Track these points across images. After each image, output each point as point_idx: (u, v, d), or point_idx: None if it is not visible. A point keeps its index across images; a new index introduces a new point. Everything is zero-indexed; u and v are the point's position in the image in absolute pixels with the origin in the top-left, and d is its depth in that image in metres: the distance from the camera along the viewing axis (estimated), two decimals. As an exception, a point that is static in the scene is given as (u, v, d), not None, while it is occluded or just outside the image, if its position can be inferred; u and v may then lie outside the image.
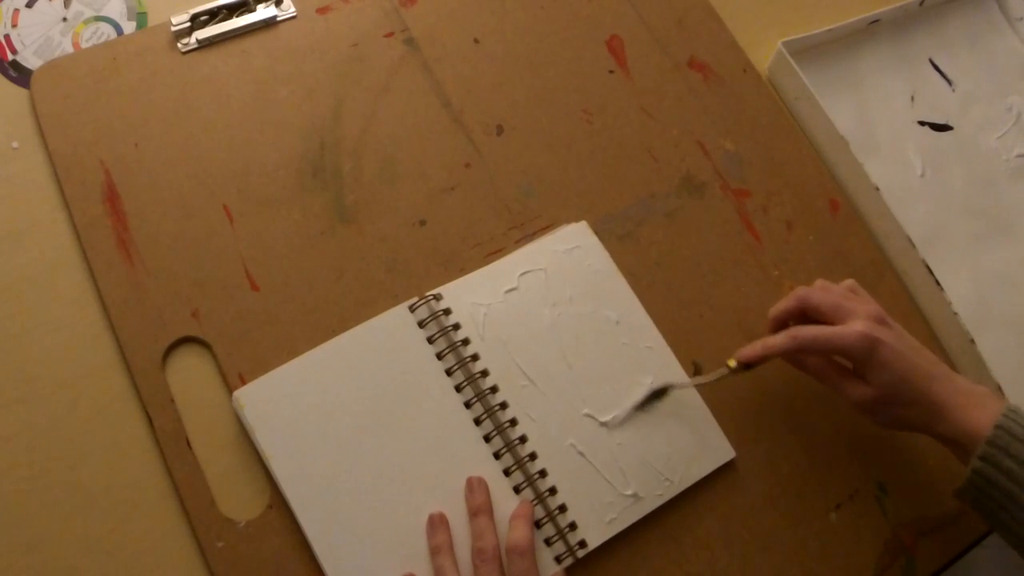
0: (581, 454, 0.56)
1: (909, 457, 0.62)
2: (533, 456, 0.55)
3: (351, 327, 0.57)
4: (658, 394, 0.58)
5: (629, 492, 0.56)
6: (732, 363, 0.57)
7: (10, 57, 0.63)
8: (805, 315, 0.57)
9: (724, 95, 0.71)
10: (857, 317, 0.54)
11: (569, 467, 0.56)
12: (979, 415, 0.52)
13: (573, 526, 0.54)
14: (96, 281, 0.56)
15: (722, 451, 0.58)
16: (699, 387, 0.59)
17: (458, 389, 0.56)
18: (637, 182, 0.67)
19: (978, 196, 0.76)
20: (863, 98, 0.77)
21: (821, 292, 0.57)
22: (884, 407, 0.54)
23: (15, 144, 0.60)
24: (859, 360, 0.54)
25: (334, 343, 0.56)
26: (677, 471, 0.57)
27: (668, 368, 0.60)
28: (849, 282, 0.59)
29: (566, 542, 0.54)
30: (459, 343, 0.57)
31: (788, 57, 0.71)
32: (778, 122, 0.72)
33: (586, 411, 0.57)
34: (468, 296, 0.59)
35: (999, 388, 0.60)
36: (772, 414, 0.61)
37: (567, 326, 0.59)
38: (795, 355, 0.57)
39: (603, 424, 0.57)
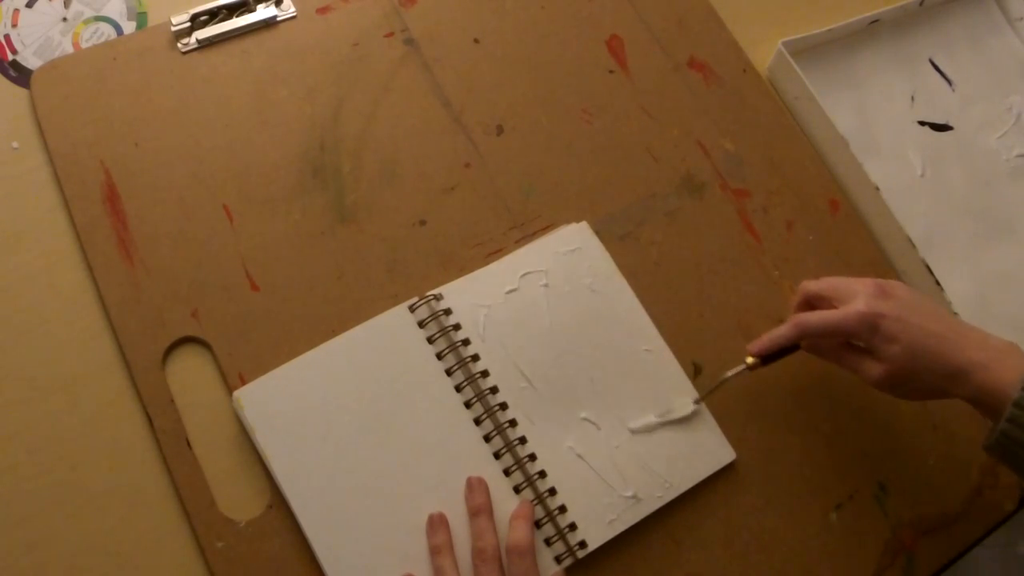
0: (580, 456, 0.56)
1: (909, 457, 0.62)
2: (533, 457, 0.55)
3: (351, 327, 0.57)
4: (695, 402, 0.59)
5: (628, 494, 0.56)
6: (749, 360, 0.58)
7: (10, 57, 0.63)
8: (811, 306, 0.58)
9: (724, 95, 0.71)
10: (857, 296, 0.54)
11: (568, 469, 0.56)
12: (1002, 373, 0.51)
13: (573, 526, 0.54)
14: (96, 281, 0.56)
15: (722, 453, 0.58)
16: (722, 385, 0.59)
17: (458, 389, 0.56)
18: (637, 182, 0.67)
19: (978, 196, 0.76)
20: (863, 98, 0.77)
21: (819, 281, 0.58)
22: (901, 381, 0.53)
23: (15, 144, 0.60)
24: (865, 339, 0.54)
25: (334, 343, 0.56)
26: (676, 473, 0.57)
27: (668, 369, 0.60)
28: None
29: (566, 542, 0.54)
30: (459, 343, 0.57)
31: (788, 57, 0.71)
32: (778, 122, 0.72)
33: (584, 415, 0.57)
34: (469, 296, 0.59)
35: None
36: (772, 415, 0.61)
37: (567, 327, 0.59)
38: (802, 341, 0.58)
39: (633, 431, 0.57)
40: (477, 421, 0.56)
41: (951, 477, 0.62)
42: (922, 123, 0.78)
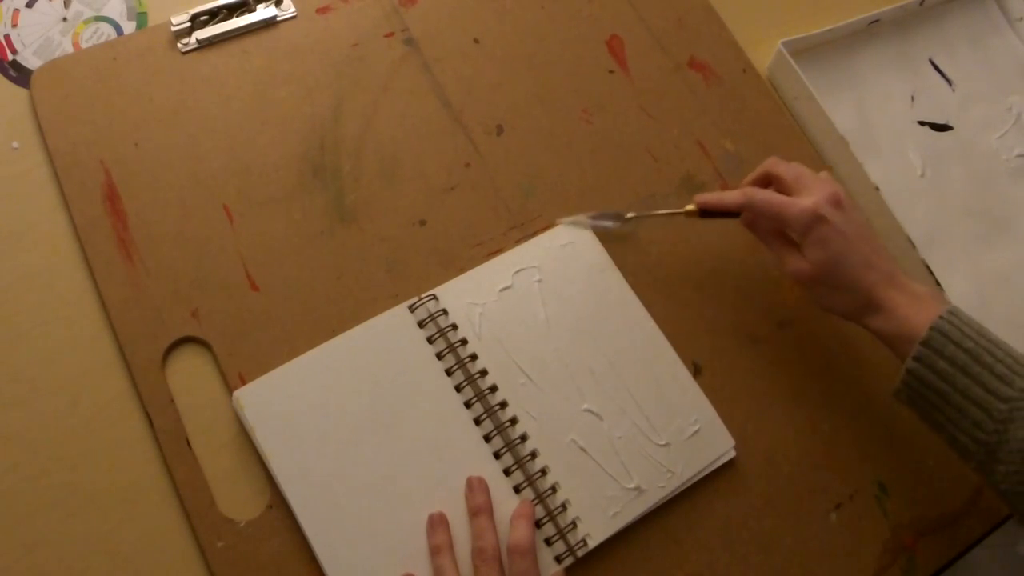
0: (582, 449, 0.56)
1: (909, 457, 0.62)
2: (534, 455, 0.55)
3: (351, 327, 0.57)
4: (616, 217, 0.61)
5: (632, 485, 0.56)
6: (690, 207, 0.60)
7: (10, 57, 0.63)
8: (769, 184, 0.59)
9: (724, 95, 0.71)
10: (811, 193, 0.55)
11: (570, 463, 0.56)
12: (917, 314, 0.52)
13: (574, 524, 0.54)
14: (96, 281, 0.56)
15: (722, 440, 0.58)
16: (652, 216, 0.62)
17: (458, 389, 0.56)
18: (637, 182, 0.67)
19: (978, 196, 0.76)
20: (863, 98, 0.77)
21: (789, 164, 0.58)
22: (818, 286, 0.55)
23: (15, 144, 0.60)
24: (799, 233, 0.55)
25: (334, 343, 0.56)
26: (679, 462, 0.57)
27: (665, 359, 0.60)
28: (823, 172, 0.59)
29: (566, 541, 0.54)
30: (457, 343, 0.57)
31: (788, 57, 0.71)
32: (778, 122, 0.72)
33: (586, 406, 0.57)
34: (463, 296, 0.59)
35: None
36: (772, 415, 0.61)
37: (563, 322, 0.59)
38: (744, 212, 0.59)
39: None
40: (477, 421, 0.56)
41: (951, 477, 0.62)
42: (922, 123, 0.78)
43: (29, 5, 0.65)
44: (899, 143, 0.76)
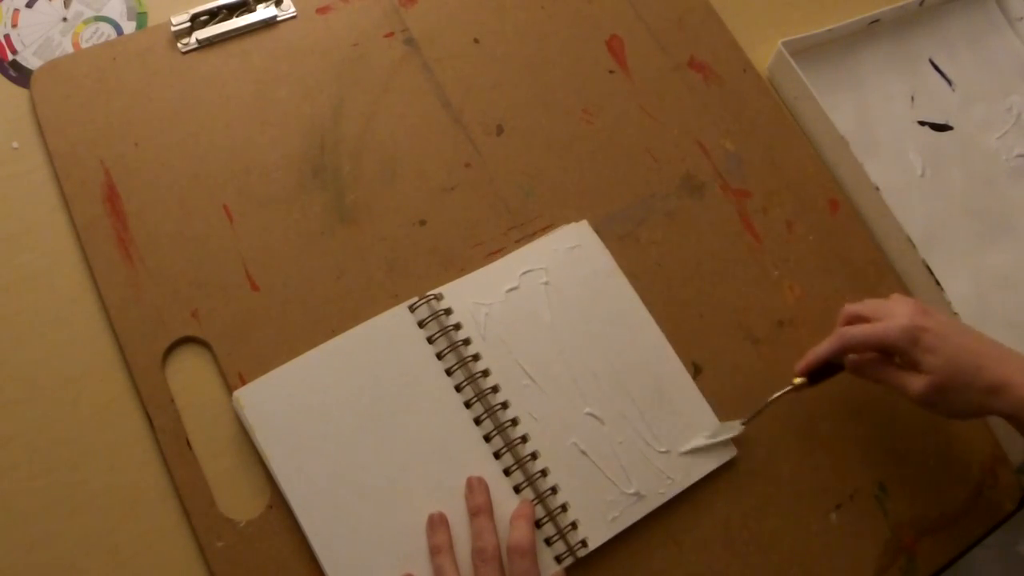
0: (583, 453, 0.56)
1: (909, 457, 0.62)
2: (534, 455, 0.55)
3: (351, 327, 0.57)
4: (736, 428, 0.59)
5: (631, 491, 0.56)
6: (796, 380, 0.58)
7: (10, 57, 0.63)
8: (852, 324, 0.59)
9: (724, 95, 0.71)
10: (898, 313, 0.56)
11: (571, 466, 0.56)
12: None
13: (574, 525, 0.54)
14: (96, 281, 0.56)
15: (724, 449, 0.58)
16: (767, 406, 0.59)
17: (458, 389, 0.56)
18: (637, 182, 0.67)
19: (978, 196, 0.76)
20: (863, 98, 0.77)
21: (860, 302, 0.59)
22: (942, 394, 0.54)
23: (15, 144, 0.60)
24: (906, 351, 0.55)
25: (334, 343, 0.56)
26: (679, 469, 0.57)
27: (669, 365, 0.60)
28: (893, 295, 0.59)
29: (566, 542, 0.54)
30: (460, 343, 0.57)
31: (788, 57, 0.71)
32: (778, 122, 0.72)
33: (588, 410, 0.57)
34: (469, 296, 0.59)
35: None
36: (773, 414, 0.61)
37: (568, 325, 0.59)
38: (848, 361, 0.58)
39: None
40: (477, 421, 0.56)
41: (951, 477, 0.62)
42: (922, 123, 0.78)
43: (29, 5, 0.65)
44: (899, 143, 0.76)
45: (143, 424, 0.54)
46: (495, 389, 0.56)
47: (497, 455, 0.55)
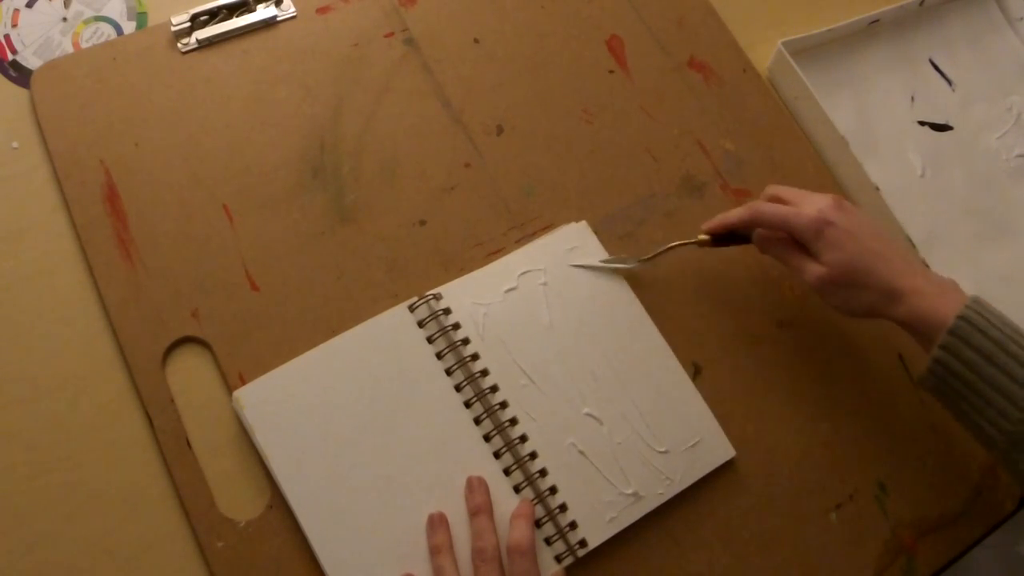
0: (582, 453, 0.56)
1: (909, 457, 0.62)
2: (533, 455, 0.55)
3: (351, 327, 0.57)
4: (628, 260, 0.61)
5: (630, 491, 0.56)
6: (701, 236, 0.61)
7: (10, 57, 0.63)
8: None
9: (724, 95, 0.71)
10: (815, 203, 0.57)
11: (569, 466, 0.56)
12: (941, 304, 0.52)
13: (573, 525, 0.54)
14: (96, 281, 0.56)
15: (722, 450, 0.58)
16: (665, 251, 0.61)
17: (458, 388, 0.56)
18: (637, 182, 0.67)
19: (978, 196, 0.76)
20: (863, 98, 0.77)
21: (786, 187, 0.60)
22: (837, 288, 0.55)
23: (15, 144, 0.60)
24: (810, 240, 0.56)
25: (334, 343, 0.56)
26: (678, 470, 0.57)
27: (667, 366, 0.60)
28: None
29: (566, 541, 0.54)
30: (459, 343, 0.57)
31: (788, 57, 0.71)
32: (778, 122, 0.72)
33: (587, 410, 0.57)
34: (468, 296, 0.59)
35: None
36: (772, 415, 0.61)
37: (567, 325, 0.59)
38: (755, 235, 0.59)
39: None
40: (477, 420, 0.56)
41: (951, 477, 0.62)
42: (922, 123, 0.78)
43: (29, 5, 0.65)
44: (899, 143, 0.76)
45: (143, 424, 0.54)
46: (494, 389, 0.56)
47: (497, 455, 0.55)
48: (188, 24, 0.64)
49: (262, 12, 0.66)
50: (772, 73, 0.74)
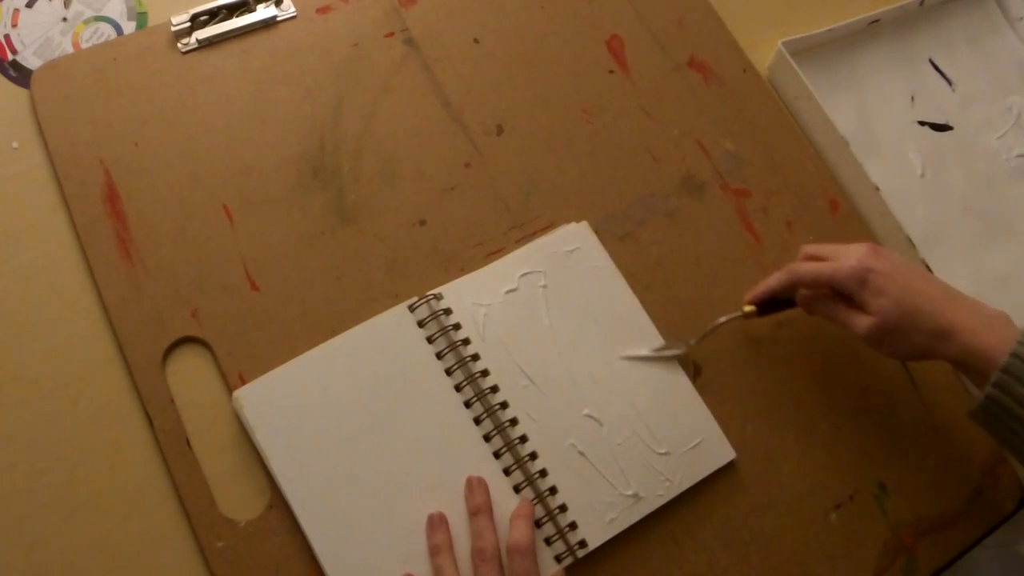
0: (582, 454, 0.56)
1: (909, 457, 0.62)
2: (533, 456, 0.55)
3: (351, 327, 0.57)
4: (681, 345, 0.60)
5: (629, 492, 0.56)
6: (746, 308, 0.60)
7: (10, 57, 0.63)
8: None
9: (724, 95, 0.71)
10: (851, 255, 0.56)
11: (569, 467, 0.56)
12: (992, 339, 0.52)
13: (573, 525, 0.54)
14: (96, 281, 0.56)
15: (722, 452, 0.58)
16: (713, 329, 0.60)
17: (458, 389, 0.56)
18: (637, 182, 0.67)
19: (978, 196, 0.76)
20: (863, 98, 0.77)
21: (819, 245, 0.60)
22: (888, 334, 0.54)
23: (15, 144, 0.60)
24: (854, 292, 0.55)
25: (334, 343, 0.56)
26: (677, 471, 0.57)
27: (669, 370, 0.60)
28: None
29: (566, 541, 0.54)
30: (459, 343, 0.57)
31: (788, 57, 0.71)
32: (778, 122, 0.72)
33: (587, 411, 0.57)
34: (468, 296, 0.59)
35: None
36: (772, 415, 0.61)
37: (567, 327, 0.59)
38: (800, 296, 0.59)
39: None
40: (477, 420, 0.56)
41: (951, 477, 0.62)
42: (922, 123, 0.78)
43: (29, 5, 0.65)
44: (899, 143, 0.76)
45: (143, 424, 0.54)
46: (494, 389, 0.56)
47: (497, 455, 0.55)
48: (188, 24, 0.64)
49: (262, 12, 0.66)
50: (772, 73, 0.74)
